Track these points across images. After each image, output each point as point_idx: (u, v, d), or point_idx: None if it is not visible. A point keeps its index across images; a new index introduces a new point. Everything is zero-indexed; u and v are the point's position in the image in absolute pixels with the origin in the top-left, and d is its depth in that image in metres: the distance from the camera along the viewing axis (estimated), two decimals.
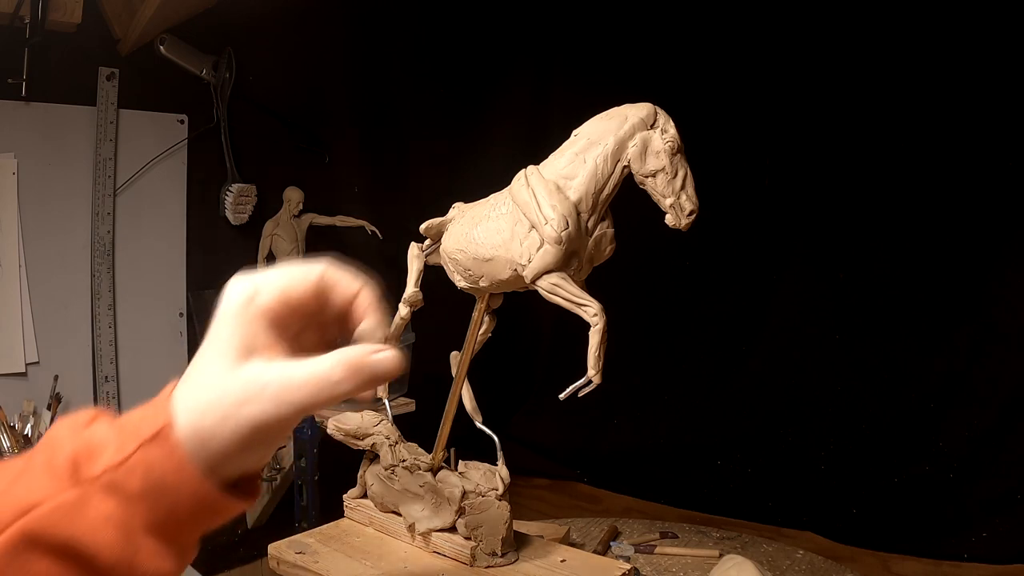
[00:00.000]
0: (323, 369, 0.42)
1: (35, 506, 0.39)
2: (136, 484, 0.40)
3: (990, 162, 1.74)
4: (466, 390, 0.75)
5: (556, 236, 0.53)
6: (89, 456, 0.41)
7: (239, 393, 0.41)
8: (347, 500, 0.81)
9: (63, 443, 0.41)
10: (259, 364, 0.42)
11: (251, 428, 0.41)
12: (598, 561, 0.72)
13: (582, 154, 0.56)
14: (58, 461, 0.41)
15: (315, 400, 0.42)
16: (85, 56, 1.59)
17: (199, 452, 0.41)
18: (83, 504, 0.40)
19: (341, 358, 0.42)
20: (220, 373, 0.42)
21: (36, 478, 0.41)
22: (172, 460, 0.40)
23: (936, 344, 1.83)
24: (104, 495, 0.40)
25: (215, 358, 0.42)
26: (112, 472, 0.40)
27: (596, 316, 0.54)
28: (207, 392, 0.42)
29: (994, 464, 1.75)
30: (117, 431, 0.42)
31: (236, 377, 0.42)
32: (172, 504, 0.41)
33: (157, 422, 0.41)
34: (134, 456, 0.40)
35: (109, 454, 0.41)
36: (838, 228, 1.94)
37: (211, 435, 0.41)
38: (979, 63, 1.73)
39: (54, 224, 1.60)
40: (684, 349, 2.21)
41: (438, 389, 0.77)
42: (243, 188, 1.79)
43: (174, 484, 0.41)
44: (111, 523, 0.40)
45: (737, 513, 2.02)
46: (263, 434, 0.42)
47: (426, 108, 2.22)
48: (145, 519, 0.41)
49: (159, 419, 0.41)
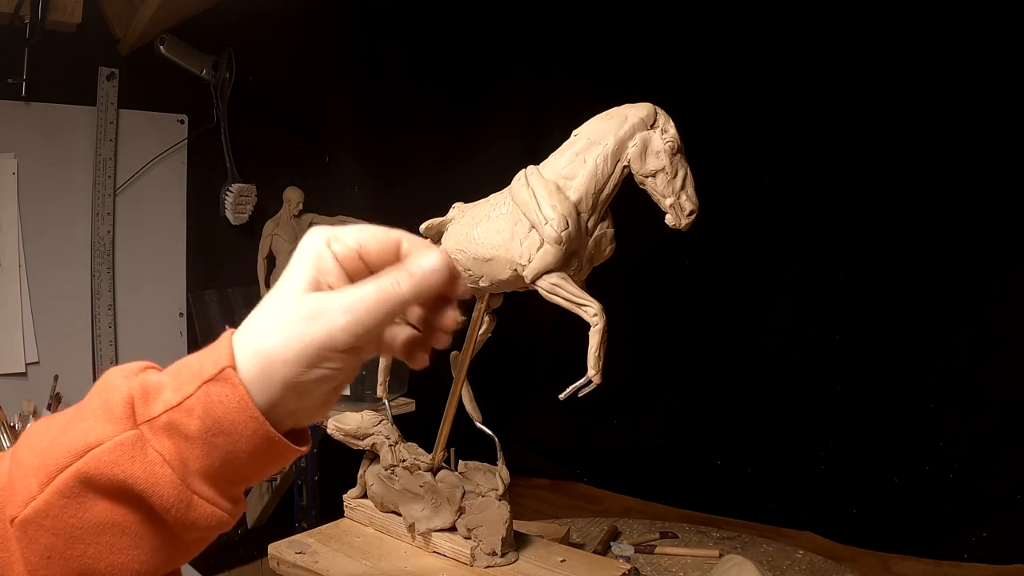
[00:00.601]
0: (385, 280, 0.43)
1: (92, 448, 0.39)
2: (195, 425, 0.40)
3: (990, 162, 1.74)
4: (466, 390, 0.75)
5: (556, 236, 0.53)
6: (146, 398, 0.41)
7: (307, 312, 0.41)
8: (347, 500, 0.82)
9: (117, 387, 0.41)
10: (327, 293, 0.43)
11: (318, 346, 0.41)
12: (598, 561, 0.72)
13: (582, 154, 0.56)
14: (114, 403, 0.40)
15: (381, 309, 0.42)
16: (85, 56, 1.59)
17: (262, 386, 0.41)
18: (141, 445, 0.39)
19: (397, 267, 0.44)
20: (288, 302, 0.42)
21: (92, 421, 0.40)
22: (234, 399, 0.40)
23: (936, 344, 1.83)
24: (162, 436, 0.40)
25: (282, 293, 0.43)
26: (171, 413, 0.40)
27: (596, 316, 0.54)
28: (273, 320, 0.42)
29: (994, 464, 1.75)
30: (173, 374, 0.42)
31: (304, 301, 0.42)
32: (230, 445, 0.41)
33: (219, 363, 0.41)
34: (194, 396, 0.40)
35: (167, 395, 0.40)
36: (838, 228, 1.94)
37: (276, 358, 0.41)
38: (979, 63, 1.73)
39: (54, 224, 1.60)
40: (684, 349, 2.21)
41: (438, 389, 0.77)
42: (243, 188, 1.79)
43: (235, 423, 0.40)
44: (169, 464, 0.40)
45: (737, 513, 2.02)
46: (331, 358, 0.42)
47: (426, 108, 2.22)
48: (202, 462, 0.40)
49: (220, 360, 0.41)
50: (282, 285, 0.43)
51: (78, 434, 0.40)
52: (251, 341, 0.42)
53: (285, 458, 0.43)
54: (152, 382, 0.41)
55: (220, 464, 0.41)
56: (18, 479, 0.40)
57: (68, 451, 0.39)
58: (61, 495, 0.39)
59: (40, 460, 0.40)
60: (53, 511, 0.39)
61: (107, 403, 0.40)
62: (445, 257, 0.45)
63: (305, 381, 0.41)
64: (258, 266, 1.84)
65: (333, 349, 0.41)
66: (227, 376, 0.40)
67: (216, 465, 0.41)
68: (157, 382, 0.41)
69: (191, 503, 0.40)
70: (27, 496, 0.39)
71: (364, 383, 1.57)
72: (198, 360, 0.42)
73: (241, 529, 1.85)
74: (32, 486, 0.39)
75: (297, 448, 0.43)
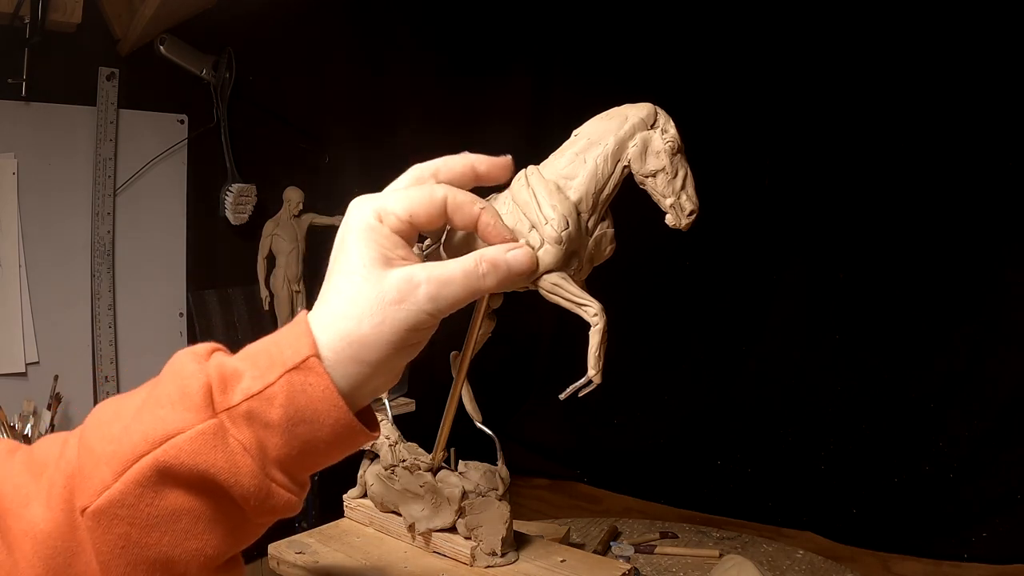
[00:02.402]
0: (470, 265, 0.44)
1: (170, 436, 0.39)
2: (277, 413, 0.40)
3: (990, 162, 1.74)
4: (465, 390, 0.75)
5: (556, 236, 0.53)
6: (224, 385, 0.40)
7: (394, 294, 0.42)
8: (347, 500, 0.82)
9: (193, 373, 0.41)
10: (407, 267, 0.43)
11: (407, 329, 0.42)
12: (598, 561, 0.72)
13: (582, 154, 0.56)
14: (192, 390, 0.40)
15: (466, 294, 0.44)
16: (85, 56, 1.59)
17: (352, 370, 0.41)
18: (222, 434, 0.39)
19: (483, 254, 0.45)
20: (367, 282, 0.42)
21: (168, 408, 0.40)
22: (318, 388, 0.40)
23: (936, 344, 1.83)
24: (242, 424, 0.40)
25: (353, 275, 0.43)
26: (251, 401, 0.40)
27: (596, 316, 0.54)
28: (356, 304, 0.42)
29: (994, 464, 1.75)
30: (250, 360, 0.41)
31: (387, 280, 0.42)
32: (311, 434, 0.41)
33: (301, 351, 0.41)
34: (276, 384, 0.40)
35: (247, 383, 0.40)
36: (838, 228, 1.94)
37: (368, 344, 0.41)
38: (979, 63, 1.73)
39: (54, 224, 1.60)
40: (684, 349, 2.21)
41: (438, 389, 0.77)
42: (243, 188, 1.79)
43: (317, 412, 0.40)
44: (249, 454, 0.40)
45: (737, 513, 2.02)
46: (415, 337, 0.43)
47: (426, 108, 2.22)
48: (281, 451, 0.40)
49: (302, 348, 0.41)
50: (349, 265, 0.44)
51: (155, 421, 0.39)
52: (340, 326, 0.42)
53: (359, 443, 0.43)
54: (229, 368, 0.41)
55: (298, 452, 0.41)
56: (89, 467, 0.39)
57: (145, 439, 0.39)
58: (138, 484, 0.38)
59: (114, 448, 0.39)
60: (129, 500, 0.38)
61: (184, 390, 0.40)
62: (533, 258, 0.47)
63: (391, 359, 0.43)
64: (258, 266, 1.85)
65: (419, 330, 0.43)
66: (311, 365, 0.40)
67: (295, 453, 0.41)
68: (234, 369, 0.41)
69: (270, 491, 0.40)
70: (100, 485, 0.38)
71: None
72: (275, 345, 0.42)
73: None
74: (106, 475, 0.38)
75: (371, 433, 0.44)
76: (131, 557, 0.39)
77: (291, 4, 1.80)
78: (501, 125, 2.33)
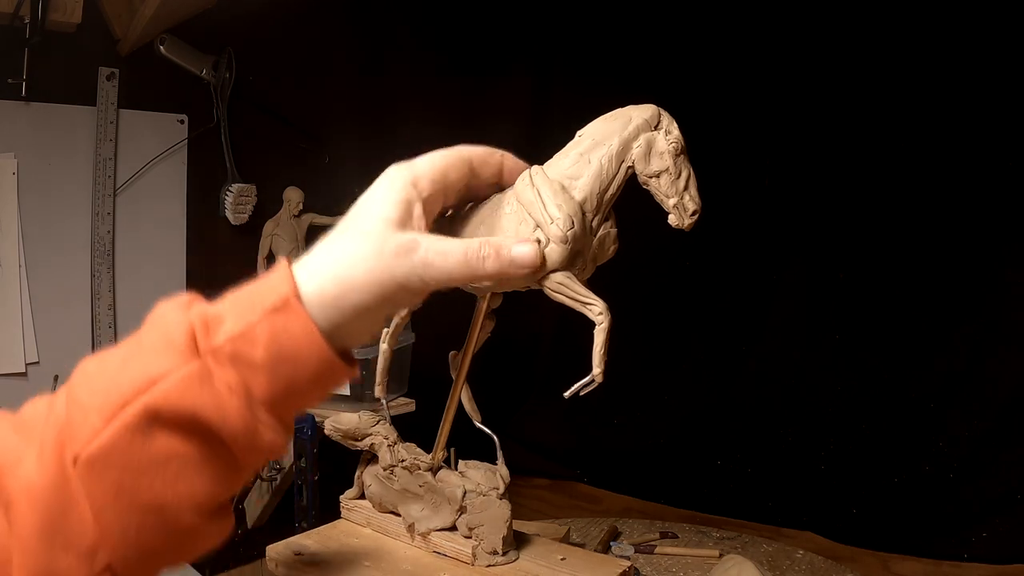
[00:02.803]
0: (473, 246, 0.46)
1: (157, 380, 0.39)
2: (260, 353, 0.41)
3: (990, 162, 1.74)
4: (464, 390, 0.75)
5: (562, 235, 0.53)
6: (207, 329, 0.41)
7: (394, 249, 0.44)
8: (344, 501, 0.81)
9: (175, 320, 0.41)
10: (413, 233, 0.45)
11: (396, 283, 0.44)
12: (598, 559, 0.72)
13: (587, 154, 0.56)
14: (175, 335, 0.40)
15: (461, 272, 0.45)
16: (85, 56, 1.59)
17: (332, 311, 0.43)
18: (207, 376, 0.40)
19: (489, 240, 0.47)
20: (376, 237, 0.44)
21: (153, 354, 0.40)
22: (299, 326, 0.42)
23: (936, 344, 1.83)
24: (227, 365, 0.40)
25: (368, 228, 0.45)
26: (235, 342, 0.40)
27: (601, 315, 0.54)
28: (358, 251, 0.44)
29: (994, 464, 1.75)
30: (232, 305, 0.42)
31: (392, 238, 0.44)
32: (293, 372, 0.42)
33: (280, 291, 0.42)
34: (258, 325, 0.41)
35: (230, 325, 0.41)
36: (838, 228, 1.94)
37: (355, 286, 0.43)
38: (979, 63, 1.73)
39: (54, 224, 1.60)
40: (684, 349, 2.21)
41: (438, 389, 0.77)
42: (243, 188, 1.79)
43: (299, 351, 0.42)
44: (235, 394, 0.40)
45: (737, 513, 2.02)
46: (400, 295, 0.45)
47: (426, 108, 2.22)
48: (265, 390, 0.41)
49: (282, 289, 0.42)
50: (365, 219, 0.46)
51: (140, 368, 0.40)
52: (332, 268, 0.44)
53: (339, 381, 0.45)
54: (212, 313, 0.42)
55: (282, 391, 0.42)
56: (79, 418, 0.39)
57: (132, 386, 0.39)
58: (128, 429, 0.39)
59: (102, 398, 0.40)
60: (120, 446, 0.39)
61: (168, 336, 0.41)
62: (538, 255, 0.48)
63: (374, 310, 0.44)
64: (258, 266, 1.85)
65: (407, 289, 0.45)
66: (291, 305, 0.42)
67: (279, 392, 0.42)
68: (216, 313, 0.42)
69: (256, 430, 0.41)
70: (91, 433, 0.39)
71: (365, 384, 1.57)
72: (256, 289, 0.43)
73: (241, 529, 1.85)
74: (96, 423, 0.39)
75: (351, 371, 0.45)
76: (124, 504, 0.39)
77: (291, 4, 1.80)
78: (501, 125, 2.33)
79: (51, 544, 0.39)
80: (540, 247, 0.48)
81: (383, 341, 0.76)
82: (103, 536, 0.39)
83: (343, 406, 1.53)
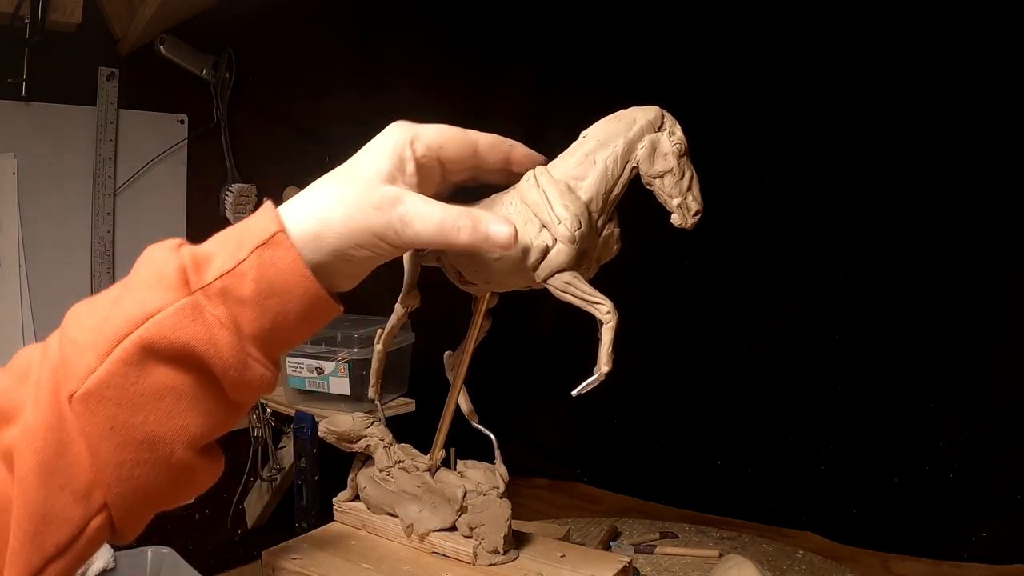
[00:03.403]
0: (452, 213, 0.46)
1: (151, 315, 0.40)
2: (249, 288, 0.42)
3: (990, 162, 1.74)
4: (461, 391, 0.75)
5: (570, 235, 0.54)
6: (197, 267, 0.42)
7: (374, 202, 0.45)
8: (337, 504, 0.81)
9: (164, 259, 0.42)
10: (398, 188, 0.46)
11: (370, 235, 0.45)
12: (598, 555, 0.72)
13: (592, 155, 0.56)
14: (167, 273, 0.41)
15: (434, 235, 0.46)
16: (85, 56, 1.59)
17: (312, 247, 0.44)
18: (198, 310, 0.41)
19: (470, 211, 0.47)
20: (361, 187, 0.46)
21: (146, 291, 0.41)
22: (286, 260, 0.43)
23: (936, 344, 1.83)
24: (217, 301, 0.41)
25: (356, 177, 0.46)
26: (224, 278, 0.41)
27: (609, 314, 0.55)
28: (342, 197, 0.45)
29: (994, 464, 1.75)
30: (219, 243, 0.43)
31: (375, 190, 0.46)
32: (281, 307, 0.43)
33: (268, 229, 0.43)
34: (247, 261, 0.42)
35: (219, 262, 0.42)
36: (838, 228, 1.94)
37: (332, 228, 0.44)
38: (979, 63, 1.73)
39: (54, 224, 1.60)
40: (684, 349, 2.21)
41: (438, 389, 0.77)
42: (243, 188, 1.79)
43: (287, 284, 0.43)
44: (225, 328, 0.41)
45: (737, 513, 2.02)
46: (378, 246, 0.45)
47: (426, 108, 2.22)
48: (254, 325, 0.42)
49: (269, 227, 0.43)
50: (357, 170, 0.47)
51: (133, 304, 0.41)
52: (315, 205, 0.45)
53: (327, 317, 0.46)
54: (201, 252, 0.43)
55: (271, 326, 0.43)
56: (73, 356, 0.40)
57: (126, 321, 0.40)
58: (123, 364, 0.39)
59: (96, 335, 0.40)
60: (115, 380, 0.39)
61: (160, 273, 0.41)
62: (513, 238, 0.47)
63: (351, 254, 0.45)
64: None
65: (382, 240, 0.45)
66: (279, 240, 0.43)
67: (267, 327, 0.43)
68: (206, 252, 0.43)
69: (246, 364, 0.42)
70: (86, 370, 0.39)
71: (365, 384, 1.57)
72: (243, 227, 0.44)
73: (241, 529, 1.85)
74: (91, 359, 0.39)
75: (337, 307, 0.46)
76: (119, 438, 0.40)
77: (291, 4, 1.80)
78: (501, 124, 2.30)
79: (48, 484, 0.39)
80: (515, 230, 0.48)
81: (377, 342, 0.76)
82: (99, 474, 0.40)
83: (344, 406, 1.54)
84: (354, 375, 1.54)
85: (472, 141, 0.51)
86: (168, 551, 1.34)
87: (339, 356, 1.53)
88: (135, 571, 1.31)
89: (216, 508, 1.79)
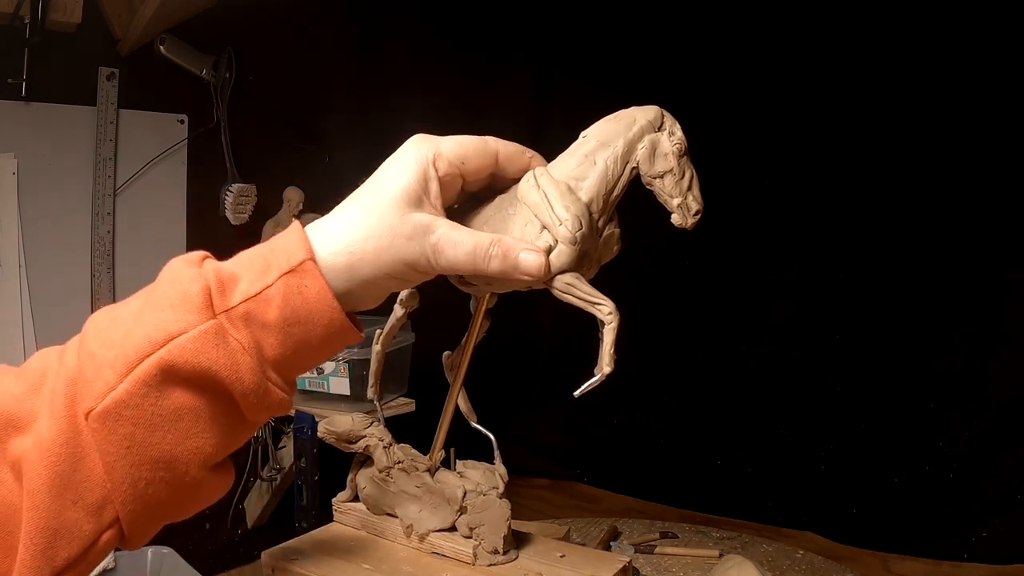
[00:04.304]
0: (483, 241, 0.47)
1: (173, 337, 0.40)
2: (274, 314, 0.42)
3: (990, 162, 1.74)
4: (460, 391, 0.75)
5: (571, 236, 0.53)
6: (222, 288, 0.42)
7: (407, 232, 0.45)
8: (336, 504, 0.81)
9: (191, 277, 0.42)
10: (429, 216, 0.46)
11: (404, 264, 0.45)
12: (598, 555, 0.72)
13: (592, 155, 0.56)
14: (192, 293, 0.41)
15: (466, 263, 0.47)
16: (85, 56, 1.59)
17: (343, 278, 0.44)
18: (221, 335, 0.41)
19: (501, 239, 0.48)
20: (390, 214, 0.45)
21: (169, 311, 0.41)
22: (314, 290, 0.42)
23: (936, 344, 1.83)
24: (240, 325, 0.41)
25: (383, 202, 0.46)
26: (249, 303, 0.41)
27: (611, 315, 0.54)
28: (370, 227, 0.45)
29: (994, 464, 1.75)
30: (247, 265, 0.43)
31: (407, 219, 0.45)
32: (305, 334, 0.43)
33: (297, 256, 0.43)
34: (273, 287, 0.42)
35: (244, 285, 0.42)
36: (838, 228, 1.94)
37: (366, 260, 0.44)
38: (979, 63, 1.73)
39: (54, 224, 1.60)
40: (684, 349, 2.21)
41: (437, 389, 0.77)
42: (243, 188, 1.79)
43: (312, 313, 0.43)
44: (247, 353, 0.41)
45: (737, 513, 2.02)
46: (408, 274, 0.46)
47: (427, 107, 2.22)
48: (276, 350, 0.42)
49: (298, 253, 0.43)
50: (383, 192, 0.46)
51: (157, 324, 0.40)
52: (345, 236, 0.45)
53: (347, 343, 0.46)
54: (226, 272, 0.42)
55: (292, 352, 0.43)
56: (92, 371, 0.40)
57: (148, 341, 0.40)
58: (143, 384, 0.39)
59: (116, 351, 0.40)
60: (134, 401, 0.39)
61: (184, 293, 0.41)
62: (544, 266, 0.48)
63: (381, 282, 0.46)
64: None
65: (415, 269, 0.46)
66: (307, 268, 0.43)
67: (288, 353, 0.43)
68: (232, 272, 0.43)
69: (267, 390, 0.42)
70: (105, 388, 0.39)
71: (364, 384, 1.57)
72: (271, 250, 0.44)
73: (241, 529, 1.85)
74: (110, 377, 0.39)
75: (358, 333, 0.46)
76: (135, 457, 0.40)
77: (291, 4, 1.80)
78: (502, 124, 2.31)
79: (60, 498, 0.39)
80: (546, 257, 0.48)
81: (376, 343, 0.76)
82: (113, 490, 0.40)
83: (345, 406, 1.54)
84: (354, 375, 1.54)
85: (492, 152, 0.51)
86: (168, 551, 1.34)
87: (339, 356, 1.53)
88: (135, 571, 1.31)
89: (216, 508, 1.79)
